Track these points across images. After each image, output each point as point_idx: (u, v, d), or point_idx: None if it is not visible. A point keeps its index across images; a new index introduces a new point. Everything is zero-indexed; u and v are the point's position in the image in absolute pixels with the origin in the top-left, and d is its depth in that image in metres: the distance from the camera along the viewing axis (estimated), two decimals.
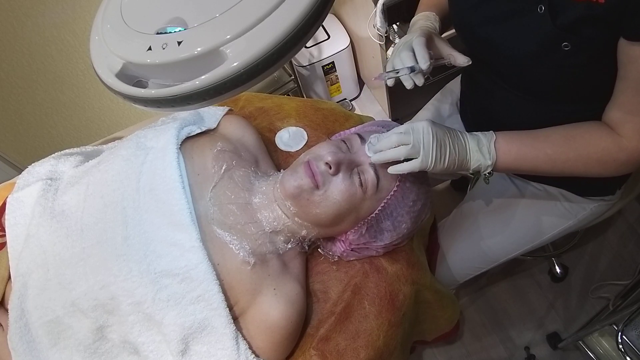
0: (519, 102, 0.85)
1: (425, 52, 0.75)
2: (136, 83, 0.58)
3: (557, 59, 0.69)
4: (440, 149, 0.71)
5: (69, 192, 0.80)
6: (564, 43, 0.66)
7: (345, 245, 0.82)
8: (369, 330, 0.78)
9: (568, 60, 0.68)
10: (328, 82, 1.99)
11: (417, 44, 0.77)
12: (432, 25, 0.89)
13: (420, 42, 0.77)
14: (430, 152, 0.71)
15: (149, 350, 0.71)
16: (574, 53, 0.67)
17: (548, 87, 0.78)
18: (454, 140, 0.74)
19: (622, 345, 1.19)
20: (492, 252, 1.06)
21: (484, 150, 0.74)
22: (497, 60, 0.81)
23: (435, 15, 0.91)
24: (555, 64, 0.71)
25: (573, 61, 0.68)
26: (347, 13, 1.86)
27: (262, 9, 0.51)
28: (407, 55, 0.77)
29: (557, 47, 0.67)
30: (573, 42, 0.66)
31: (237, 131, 0.92)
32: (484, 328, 1.61)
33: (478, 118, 1.02)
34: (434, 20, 0.90)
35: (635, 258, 1.65)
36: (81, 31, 1.42)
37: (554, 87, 0.77)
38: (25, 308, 0.74)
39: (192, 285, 0.69)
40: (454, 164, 0.74)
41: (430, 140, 0.71)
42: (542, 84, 0.78)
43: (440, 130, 0.72)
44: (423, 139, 0.71)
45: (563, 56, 0.68)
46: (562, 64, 0.70)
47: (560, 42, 0.67)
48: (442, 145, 0.72)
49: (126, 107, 1.73)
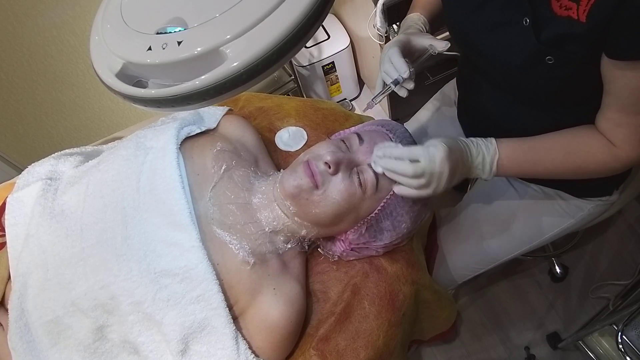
0: (512, 104, 0.85)
1: (401, 61, 0.78)
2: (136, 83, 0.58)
3: (542, 71, 0.70)
4: (452, 178, 0.72)
5: (69, 192, 0.80)
6: (548, 57, 0.67)
7: (345, 245, 0.82)
8: (368, 330, 0.78)
9: (552, 72, 0.69)
10: (328, 82, 1.99)
11: (392, 54, 0.79)
12: (416, 25, 0.91)
13: (394, 52, 0.79)
14: (442, 185, 0.72)
15: (149, 350, 0.71)
16: (558, 66, 0.67)
17: (537, 94, 0.78)
18: (464, 163, 0.75)
19: (622, 345, 1.19)
20: (491, 252, 1.06)
21: (486, 169, 0.76)
22: (489, 66, 0.82)
23: (421, 16, 0.93)
24: (540, 76, 0.71)
25: (557, 74, 0.69)
26: (347, 13, 1.86)
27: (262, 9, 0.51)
28: (390, 67, 0.79)
29: (541, 60, 0.68)
30: (556, 57, 0.66)
31: (236, 131, 0.92)
32: (484, 328, 1.61)
33: (475, 119, 1.02)
34: (419, 21, 0.92)
35: (635, 258, 1.65)
36: (81, 31, 1.42)
37: (542, 95, 0.78)
38: (25, 308, 0.74)
39: (192, 285, 0.69)
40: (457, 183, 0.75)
41: (444, 175, 0.71)
42: (531, 92, 0.78)
43: (455, 156, 0.72)
44: (437, 173, 0.71)
45: (547, 69, 0.68)
46: (546, 76, 0.70)
47: (543, 56, 0.67)
48: (454, 174, 0.73)
49: (126, 107, 1.73)
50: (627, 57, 0.61)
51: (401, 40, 0.83)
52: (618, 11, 0.57)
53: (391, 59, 0.79)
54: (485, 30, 0.75)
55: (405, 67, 0.77)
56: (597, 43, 0.62)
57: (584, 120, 0.75)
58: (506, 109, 0.87)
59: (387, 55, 0.81)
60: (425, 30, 0.93)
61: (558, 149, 0.75)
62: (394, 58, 0.79)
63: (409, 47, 0.84)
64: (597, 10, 0.59)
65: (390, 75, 0.80)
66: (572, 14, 0.61)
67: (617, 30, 0.59)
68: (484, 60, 0.81)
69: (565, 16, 0.62)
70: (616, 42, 0.60)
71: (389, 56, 0.80)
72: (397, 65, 0.78)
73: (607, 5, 0.57)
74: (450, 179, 0.72)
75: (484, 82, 0.89)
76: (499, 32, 0.73)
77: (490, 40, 0.75)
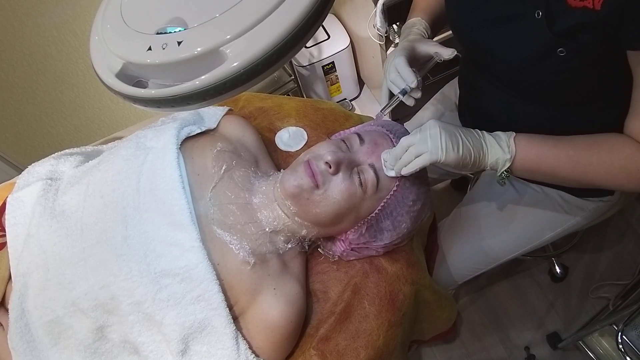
0: (516, 104, 0.85)
1: (408, 71, 0.77)
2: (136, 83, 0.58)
3: (551, 64, 0.69)
4: (451, 138, 0.70)
5: (69, 192, 0.80)
6: (560, 49, 0.66)
7: (345, 244, 0.82)
8: (369, 330, 0.78)
9: (562, 65, 0.68)
10: (328, 82, 1.99)
11: (398, 64, 0.78)
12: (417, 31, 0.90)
13: (401, 62, 0.78)
14: (439, 143, 0.69)
15: (149, 350, 0.71)
16: (568, 59, 0.67)
17: (543, 90, 0.78)
18: (466, 133, 0.72)
19: (622, 345, 1.19)
20: (492, 252, 1.06)
21: (502, 144, 0.72)
22: (493, 63, 0.82)
23: (422, 21, 0.93)
24: (549, 69, 0.70)
25: (567, 66, 0.68)
26: (347, 13, 1.86)
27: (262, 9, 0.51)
28: (396, 77, 0.79)
29: (552, 52, 0.67)
30: (568, 48, 0.66)
31: (237, 131, 0.92)
32: (484, 328, 1.61)
33: (476, 119, 1.02)
34: (421, 26, 0.92)
35: (635, 258, 1.65)
36: (81, 31, 1.42)
37: (548, 91, 0.77)
38: (26, 308, 0.74)
39: (192, 285, 0.69)
40: (470, 155, 0.71)
41: (437, 133, 0.70)
42: (537, 88, 0.78)
43: (450, 125, 0.72)
44: (429, 133, 0.70)
45: (557, 61, 0.68)
46: (556, 69, 0.70)
47: (555, 48, 0.67)
48: (453, 135, 0.70)
49: (126, 107, 1.73)
50: None
51: (406, 48, 0.82)
52: None
53: (398, 69, 0.78)
54: (491, 25, 0.75)
55: (412, 76, 0.77)
56: (611, 32, 0.61)
57: (588, 120, 0.75)
58: (509, 109, 0.87)
59: (392, 64, 0.80)
60: (427, 34, 0.92)
61: (580, 139, 0.71)
62: (400, 68, 0.78)
63: (414, 55, 0.83)
64: None
65: (397, 85, 0.79)
66: (587, 4, 0.61)
67: (631, 19, 0.58)
68: (489, 56, 0.80)
69: (580, 7, 0.62)
70: (631, 32, 0.60)
71: (395, 66, 0.79)
72: (405, 75, 0.77)
73: None
74: (449, 138, 0.69)
75: (486, 82, 0.88)
76: (506, 27, 0.72)
77: (496, 34, 0.75)
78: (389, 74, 0.81)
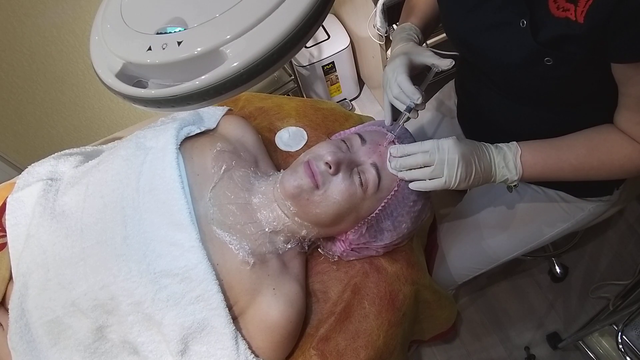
0: (511, 107, 0.85)
1: (412, 88, 0.77)
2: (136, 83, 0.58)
3: (540, 71, 0.69)
4: (466, 168, 0.72)
5: (69, 192, 0.80)
6: (546, 58, 0.67)
7: (345, 245, 0.82)
8: (369, 330, 0.78)
9: (551, 72, 0.68)
10: (328, 82, 1.99)
11: (401, 82, 0.78)
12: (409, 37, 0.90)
13: (403, 79, 0.78)
14: (455, 172, 0.72)
15: (149, 350, 0.71)
16: (556, 67, 0.67)
17: (536, 94, 0.78)
18: (480, 158, 0.74)
19: (622, 345, 1.19)
20: (492, 252, 1.06)
21: (510, 166, 0.75)
22: (487, 68, 0.82)
23: (412, 26, 0.92)
24: (540, 76, 0.71)
25: (556, 74, 0.69)
26: (347, 13, 1.86)
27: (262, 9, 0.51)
28: (400, 93, 0.79)
29: (540, 61, 0.68)
30: (555, 57, 0.66)
31: (236, 131, 0.92)
32: (484, 328, 1.61)
33: (475, 121, 1.02)
34: (411, 31, 0.91)
35: (635, 258, 1.65)
36: (81, 31, 1.42)
37: (541, 95, 0.77)
38: (26, 308, 0.75)
39: (192, 285, 0.69)
40: (479, 181, 0.75)
41: (455, 161, 0.71)
42: (530, 92, 0.78)
43: (467, 148, 0.73)
44: (447, 159, 0.71)
45: (546, 69, 0.68)
46: (545, 76, 0.70)
47: (542, 56, 0.67)
48: (468, 164, 0.72)
49: (126, 107, 1.73)
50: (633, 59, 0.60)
51: (405, 63, 0.81)
52: (617, 11, 0.56)
53: (401, 87, 0.78)
54: (483, 31, 0.75)
55: (417, 93, 0.77)
56: (596, 44, 0.62)
57: (585, 120, 0.75)
58: (506, 111, 0.87)
59: (394, 81, 0.79)
60: (419, 40, 0.92)
61: (580, 145, 0.74)
62: (403, 85, 0.78)
63: (411, 66, 0.82)
64: (595, 11, 0.58)
65: (402, 101, 0.79)
66: (570, 15, 0.61)
67: (615, 32, 0.58)
68: (482, 61, 0.81)
69: (563, 17, 0.62)
70: (616, 45, 0.60)
71: (398, 84, 0.79)
72: (408, 93, 0.77)
73: (605, 5, 0.57)
74: (465, 169, 0.72)
75: (483, 84, 0.88)
76: (497, 33, 0.72)
77: (488, 41, 0.75)
78: (391, 90, 0.81)
